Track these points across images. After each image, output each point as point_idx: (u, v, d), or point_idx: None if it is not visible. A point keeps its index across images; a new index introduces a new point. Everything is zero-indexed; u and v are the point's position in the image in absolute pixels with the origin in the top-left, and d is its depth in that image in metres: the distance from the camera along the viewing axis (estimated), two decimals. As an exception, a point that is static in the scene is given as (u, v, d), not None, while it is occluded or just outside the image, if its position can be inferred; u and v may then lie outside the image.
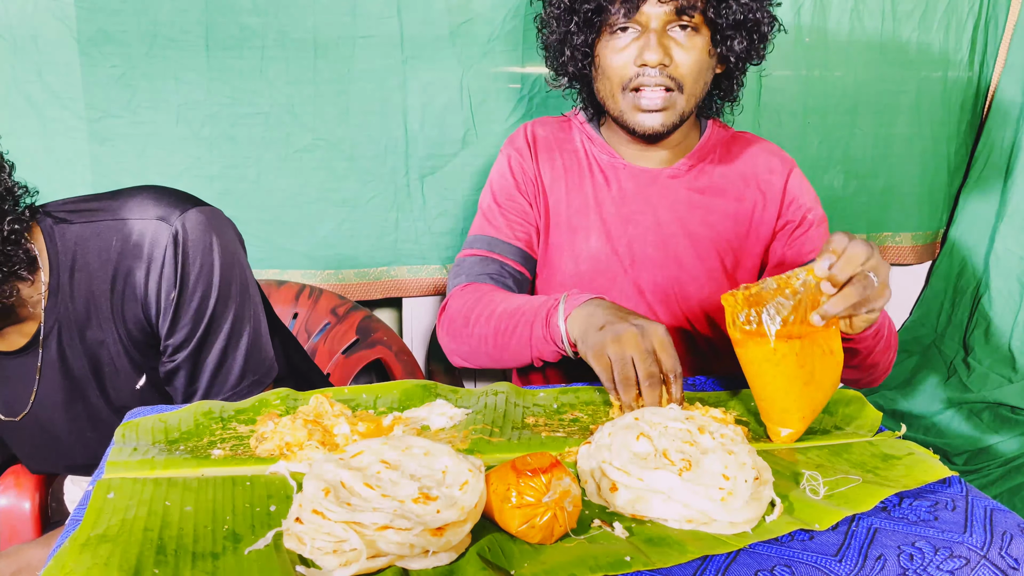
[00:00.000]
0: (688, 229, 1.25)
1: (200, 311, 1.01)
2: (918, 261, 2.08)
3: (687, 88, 1.15)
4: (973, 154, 2.05)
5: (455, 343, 1.18)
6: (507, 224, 1.25)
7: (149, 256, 0.98)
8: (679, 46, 1.14)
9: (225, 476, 0.76)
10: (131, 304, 1.00)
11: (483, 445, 0.84)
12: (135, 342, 1.03)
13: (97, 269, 1.00)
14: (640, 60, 1.13)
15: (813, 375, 0.85)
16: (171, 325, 1.01)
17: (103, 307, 1.01)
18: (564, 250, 1.26)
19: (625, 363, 0.88)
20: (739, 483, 0.71)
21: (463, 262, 1.24)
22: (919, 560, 0.68)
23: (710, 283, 1.28)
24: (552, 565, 0.64)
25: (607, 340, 0.90)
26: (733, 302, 0.85)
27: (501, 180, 1.29)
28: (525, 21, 1.65)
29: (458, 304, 1.17)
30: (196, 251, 1.00)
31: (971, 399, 1.95)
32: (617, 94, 1.17)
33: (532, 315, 1.05)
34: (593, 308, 0.97)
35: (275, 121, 1.62)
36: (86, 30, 1.47)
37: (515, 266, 1.23)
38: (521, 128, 1.32)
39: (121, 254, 0.99)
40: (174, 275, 0.99)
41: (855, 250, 0.85)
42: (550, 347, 1.03)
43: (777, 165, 1.29)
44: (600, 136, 1.29)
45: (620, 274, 1.26)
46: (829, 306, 0.84)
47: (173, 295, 0.99)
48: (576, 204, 1.26)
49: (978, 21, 1.91)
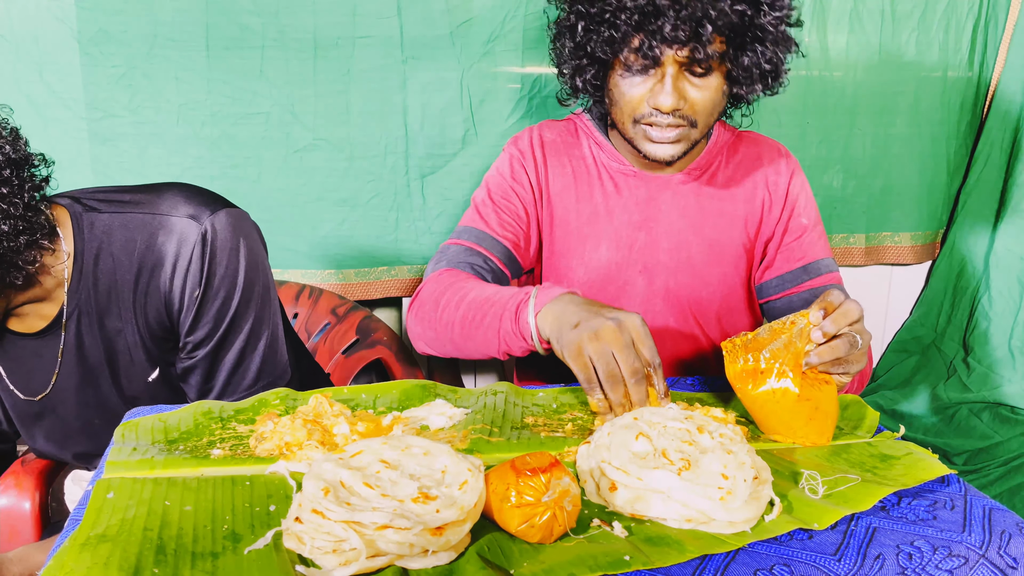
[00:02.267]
0: (702, 234, 1.25)
1: (222, 311, 1.02)
2: (918, 261, 2.08)
3: (700, 124, 1.12)
4: (973, 154, 2.05)
5: (421, 327, 1.14)
6: (498, 221, 1.23)
7: (177, 253, 1.00)
8: (694, 87, 1.09)
9: (225, 476, 0.76)
10: (154, 298, 1.01)
11: (482, 445, 0.84)
12: (153, 335, 1.04)
13: (123, 260, 1.01)
14: (653, 103, 1.09)
15: (818, 407, 0.87)
16: (193, 323, 1.02)
17: (125, 298, 1.01)
18: (573, 258, 1.25)
19: (608, 361, 0.85)
20: (738, 482, 0.71)
21: (447, 249, 1.22)
22: (918, 559, 0.68)
23: (722, 287, 1.27)
24: (551, 564, 0.64)
25: (584, 338, 0.87)
26: (732, 348, 0.88)
27: (499, 177, 1.27)
28: (525, 21, 1.65)
29: (431, 287, 1.14)
30: (223, 252, 1.01)
31: (971, 399, 1.95)
32: (628, 123, 1.14)
33: (501, 307, 1.01)
34: (565, 304, 0.94)
35: (275, 121, 1.62)
36: (87, 30, 1.48)
37: (498, 263, 1.21)
38: (527, 131, 1.30)
39: (149, 248, 1.00)
40: (200, 273, 1.00)
41: (849, 307, 0.88)
42: (519, 342, 0.99)
43: (783, 166, 1.29)
44: (609, 142, 1.27)
45: (632, 281, 1.25)
46: (815, 356, 0.87)
47: (197, 293, 1.00)
48: (586, 212, 1.25)
49: (978, 21, 1.91)
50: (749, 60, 1.10)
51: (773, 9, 1.07)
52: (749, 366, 0.87)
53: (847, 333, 0.87)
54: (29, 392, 1.07)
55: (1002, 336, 1.95)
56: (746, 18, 1.06)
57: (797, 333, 0.87)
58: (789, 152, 1.32)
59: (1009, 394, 1.90)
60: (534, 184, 1.25)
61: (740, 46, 1.09)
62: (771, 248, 1.28)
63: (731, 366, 0.88)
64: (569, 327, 0.90)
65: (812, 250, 1.26)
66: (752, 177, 1.27)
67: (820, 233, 1.28)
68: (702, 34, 1.03)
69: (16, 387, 1.07)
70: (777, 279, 1.28)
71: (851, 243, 2.01)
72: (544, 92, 1.70)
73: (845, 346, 0.87)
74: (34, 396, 1.07)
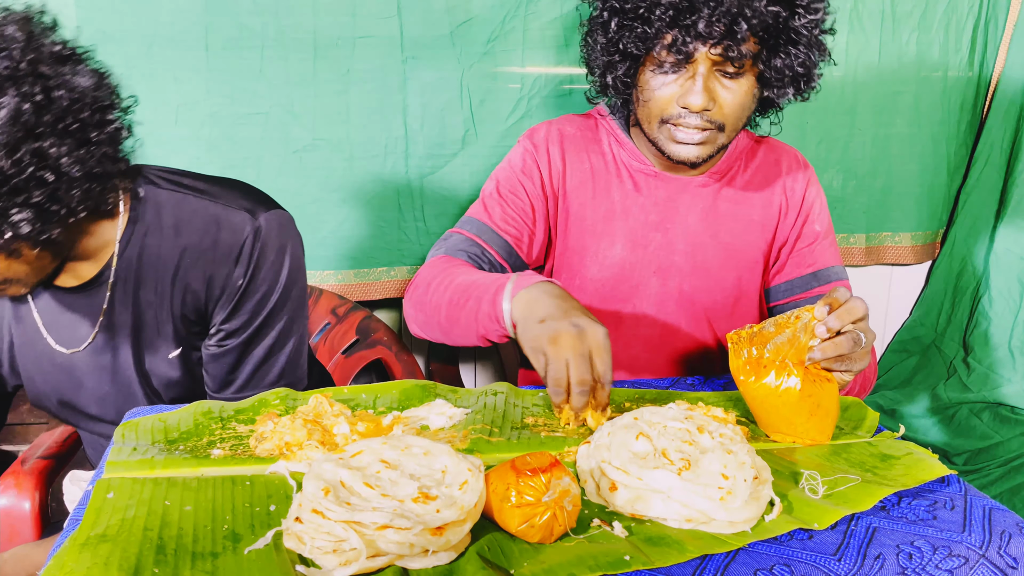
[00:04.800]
0: (719, 238, 1.24)
1: (260, 304, 1.06)
2: (918, 261, 2.08)
3: (728, 127, 1.12)
4: (973, 154, 2.05)
5: (414, 310, 1.15)
6: (502, 215, 1.22)
7: (229, 242, 1.03)
8: (724, 88, 1.09)
9: (225, 476, 0.76)
10: (196, 280, 1.04)
11: (482, 445, 0.84)
12: (185, 317, 1.06)
13: (171, 237, 1.03)
14: (683, 102, 1.08)
15: (819, 404, 0.87)
16: (231, 312, 1.05)
17: (166, 274, 1.04)
18: (587, 255, 1.25)
19: (559, 365, 0.85)
20: (738, 482, 0.71)
21: (449, 237, 1.22)
22: (918, 559, 0.68)
23: (736, 291, 1.27)
24: (551, 564, 0.64)
25: (544, 338, 0.87)
26: (737, 339, 0.88)
27: (509, 170, 1.26)
28: (525, 21, 1.65)
29: (426, 272, 1.15)
30: (271, 249, 1.04)
31: (971, 399, 1.95)
32: (654, 124, 1.14)
33: (482, 291, 1.01)
34: (538, 294, 0.93)
35: (275, 121, 1.62)
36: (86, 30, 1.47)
37: (497, 257, 1.21)
38: (545, 124, 1.28)
39: (203, 232, 1.03)
40: (248, 265, 1.03)
41: (854, 304, 0.88)
42: (494, 326, 0.98)
43: (801, 173, 1.28)
44: (630, 140, 1.25)
45: (645, 282, 1.25)
46: (818, 352, 0.86)
47: (241, 283, 1.03)
48: (603, 210, 1.24)
49: (978, 21, 1.91)
50: (782, 63, 1.09)
51: (808, 12, 1.07)
52: (753, 358, 0.87)
53: (851, 330, 0.87)
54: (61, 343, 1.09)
55: (1002, 336, 1.95)
56: (781, 19, 1.05)
57: (802, 327, 0.87)
58: (807, 160, 1.32)
59: (1009, 394, 1.90)
60: (546, 179, 1.24)
61: (774, 48, 1.09)
62: (783, 253, 1.28)
63: (735, 360, 0.88)
64: (535, 320, 0.90)
65: (823, 257, 1.27)
66: (770, 183, 1.27)
67: (832, 241, 1.29)
68: (736, 31, 1.02)
69: (51, 336, 1.08)
70: (786, 284, 1.28)
71: (851, 243, 2.01)
72: (544, 92, 1.70)
73: (849, 343, 0.87)
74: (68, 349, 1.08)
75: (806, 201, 1.28)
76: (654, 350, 1.28)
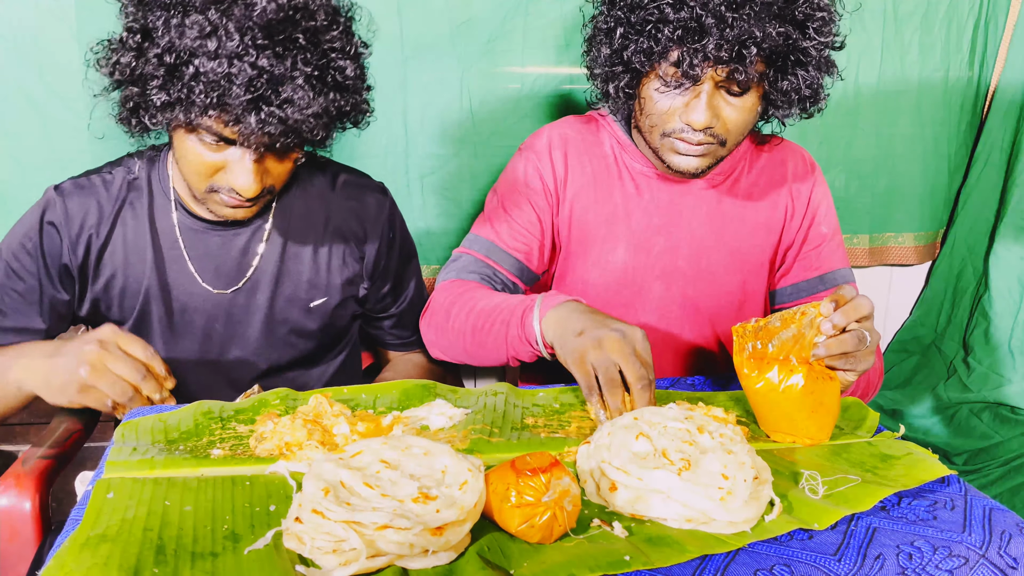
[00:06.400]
0: (723, 242, 1.23)
1: (402, 259, 1.29)
2: (919, 261, 2.08)
3: (729, 142, 1.11)
4: (973, 154, 2.05)
5: (435, 335, 1.17)
6: (510, 232, 1.21)
7: (377, 211, 1.23)
8: (728, 105, 1.07)
9: (225, 476, 0.76)
10: (354, 238, 1.21)
11: (483, 445, 0.84)
12: (342, 266, 1.21)
13: (326, 194, 1.21)
14: (686, 118, 1.07)
15: (821, 402, 0.86)
16: (384, 269, 1.25)
17: (318, 227, 1.19)
18: (589, 258, 1.23)
19: (609, 368, 0.87)
20: (738, 482, 0.71)
21: (459, 258, 1.22)
22: (918, 559, 0.68)
23: (742, 295, 1.26)
24: (551, 565, 0.64)
25: (588, 346, 0.89)
26: (743, 333, 0.88)
27: (513, 184, 1.24)
28: (525, 21, 1.65)
29: (441, 297, 1.16)
30: (400, 219, 1.29)
31: (971, 399, 1.95)
32: (656, 135, 1.12)
33: (508, 314, 1.03)
34: (569, 311, 0.96)
35: (275, 121, 1.61)
36: (87, 30, 1.47)
37: (509, 276, 1.21)
38: (545, 129, 1.26)
39: (353, 199, 1.22)
40: (389, 230, 1.25)
41: (861, 302, 0.87)
42: (526, 348, 1.01)
43: (807, 174, 1.26)
44: (632, 142, 1.23)
45: (648, 287, 1.24)
46: (823, 348, 0.86)
47: (388, 241, 1.25)
48: (605, 213, 1.22)
49: (978, 21, 1.91)
50: (789, 84, 1.08)
51: (819, 34, 1.05)
52: (757, 352, 0.87)
53: (856, 328, 0.87)
54: (209, 282, 1.16)
55: (1002, 336, 1.95)
56: (790, 41, 1.03)
57: (807, 323, 0.87)
58: (813, 160, 1.29)
59: (1009, 394, 1.89)
60: (550, 186, 1.23)
61: (781, 69, 1.07)
62: (789, 256, 1.27)
63: (739, 355, 0.88)
64: (573, 334, 0.92)
65: (830, 260, 1.25)
66: (776, 184, 1.25)
67: (839, 243, 1.27)
68: (745, 56, 1.00)
69: (199, 274, 1.15)
70: (792, 287, 1.27)
71: (855, 244, 2.01)
72: (544, 92, 1.70)
73: (853, 341, 0.86)
74: (222, 289, 1.16)
75: (812, 202, 1.26)
76: (657, 354, 1.27)
